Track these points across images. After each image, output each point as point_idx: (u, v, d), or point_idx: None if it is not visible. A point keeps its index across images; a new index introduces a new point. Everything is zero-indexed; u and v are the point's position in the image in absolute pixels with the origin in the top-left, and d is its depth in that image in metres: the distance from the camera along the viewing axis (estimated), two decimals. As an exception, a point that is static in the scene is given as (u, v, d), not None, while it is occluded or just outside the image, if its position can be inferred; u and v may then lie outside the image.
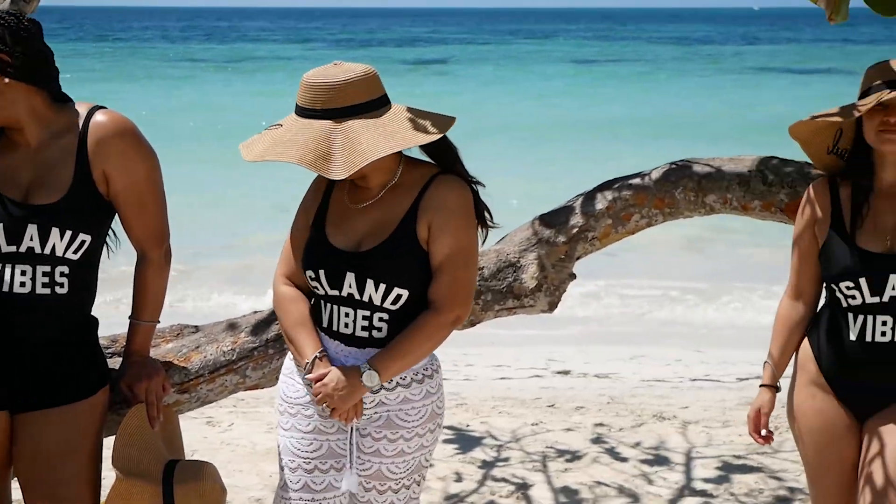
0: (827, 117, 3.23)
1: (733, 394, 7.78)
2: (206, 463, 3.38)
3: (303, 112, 2.91)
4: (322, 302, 3.05)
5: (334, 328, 3.03)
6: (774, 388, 3.38)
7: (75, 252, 3.08)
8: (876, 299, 3.14)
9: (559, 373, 8.67)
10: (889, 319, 3.14)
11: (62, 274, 3.08)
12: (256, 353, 3.79)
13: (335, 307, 3.02)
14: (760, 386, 3.39)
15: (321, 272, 3.00)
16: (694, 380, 8.49)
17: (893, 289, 3.12)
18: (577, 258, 4.04)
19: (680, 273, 12.85)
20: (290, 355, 3.18)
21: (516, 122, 27.37)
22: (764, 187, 3.78)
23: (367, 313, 2.99)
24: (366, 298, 2.97)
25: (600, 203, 3.97)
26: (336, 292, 3.00)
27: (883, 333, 3.15)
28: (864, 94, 3.23)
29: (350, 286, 2.97)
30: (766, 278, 11.42)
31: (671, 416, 6.86)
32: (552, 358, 9.18)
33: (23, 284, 3.04)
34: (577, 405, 7.17)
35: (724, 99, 33.81)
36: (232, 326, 3.89)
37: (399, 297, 2.96)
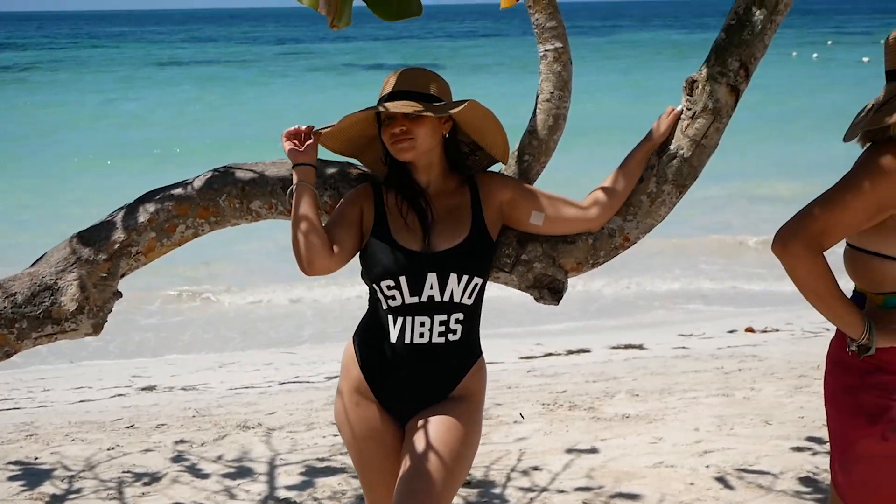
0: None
1: (321, 394, 7.77)
2: None
3: None
4: None
5: None
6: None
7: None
8: (415, 299, 3.15)
9: (144, 389, 8.32)
10: (427, 320, 3.16)
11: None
12: None
13: None
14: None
15: None
16: (283, 383, 8.43)
17: (431, 288, 3.15)
18: (122, 275, 3.80)
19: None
20: None
21: (105, 138, 26.20)
22: (307, 190, 3.70)
23: None
24: None
25: (142, 216, 3.74)
26: None
27: (421, 335, 3.17)
28: (378, 103, 3.29)
29: None
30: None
31: (256, 425, 6.73)
32: (136, 374, 8.81)
33: None
34: (158, 423, 6.88)
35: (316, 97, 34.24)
36: None
37: None
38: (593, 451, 5.99)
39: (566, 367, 8.64)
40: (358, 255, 3.29)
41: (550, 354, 9.43)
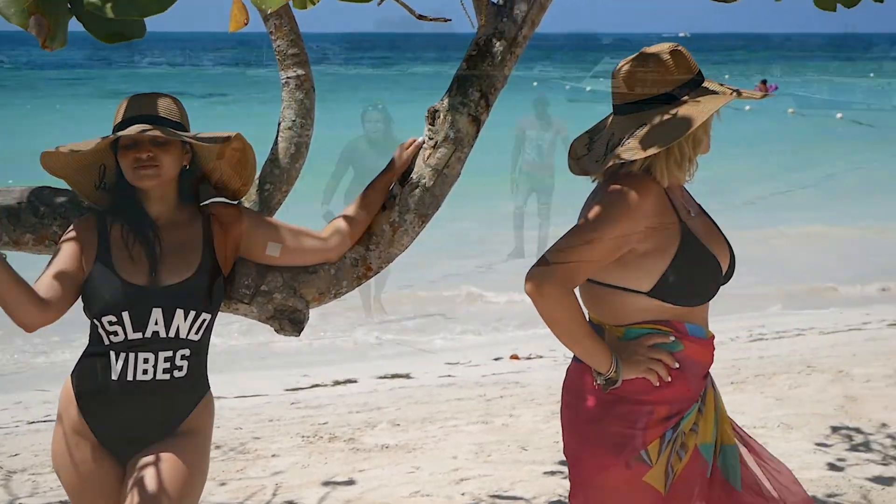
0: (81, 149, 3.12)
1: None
2: None
3: None
4: None
5: None
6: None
7: None
8: (138, 335, 3.02)
9: None
10: (151, 356, 3.04)
11: None
12: None
13: None
14: None
15: None
16: (32, 422, 7.99)
17: (156, 324, 3.02)
18: None
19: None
20: None
21: None
22: (35, 220, 3.49)
23: None
24: None
25: None
26: None
27: (145, 371, 3.05)
28: (116, 128, 3.15)
29: None
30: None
31: (-6, 468, 6.36)
32: None
33: None
34: None
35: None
36: None
37: None
38: (350, 482, 5.93)
39: (331, 399, 8.54)
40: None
41: (317, 385, 9.30)
